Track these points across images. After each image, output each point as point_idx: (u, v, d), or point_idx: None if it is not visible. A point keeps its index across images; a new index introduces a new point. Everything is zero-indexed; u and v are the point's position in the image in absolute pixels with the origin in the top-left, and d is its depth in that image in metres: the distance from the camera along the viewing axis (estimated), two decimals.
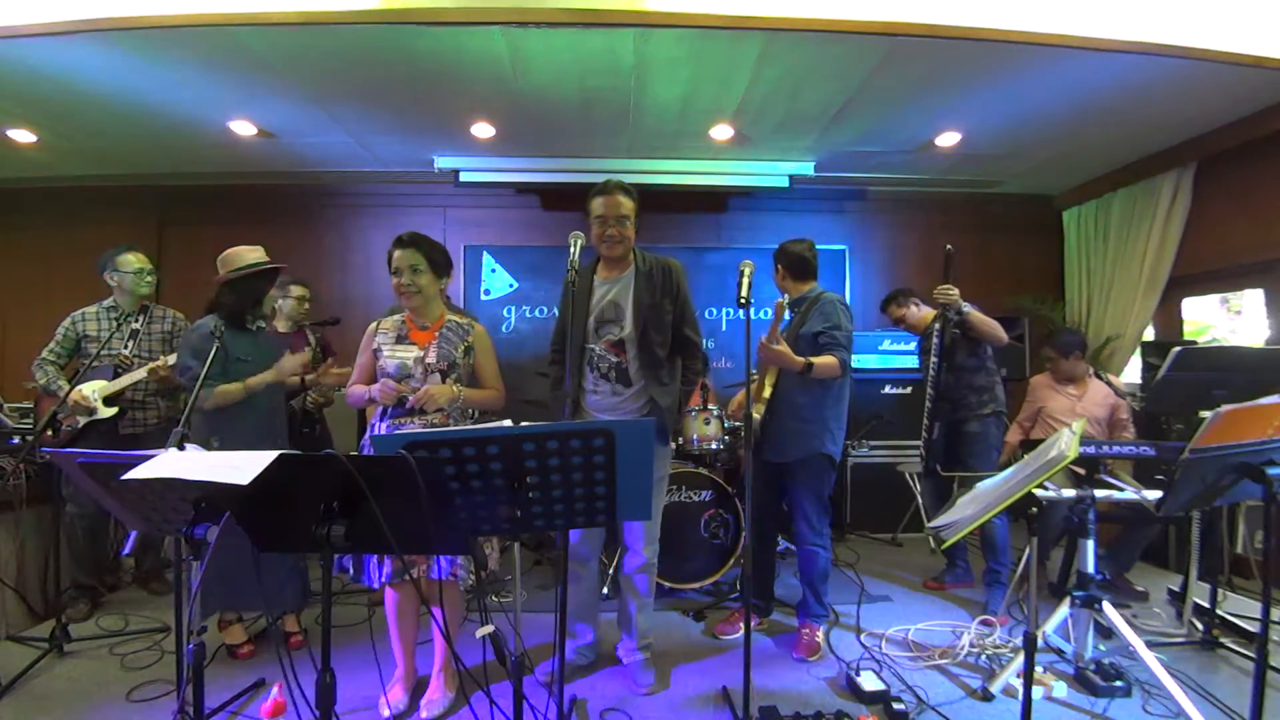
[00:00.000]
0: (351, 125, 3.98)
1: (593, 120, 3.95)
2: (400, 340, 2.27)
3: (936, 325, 3.20)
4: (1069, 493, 2.44)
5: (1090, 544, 2.47)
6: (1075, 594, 2.45)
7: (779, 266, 2.87)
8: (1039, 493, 2.32)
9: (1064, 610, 2.50)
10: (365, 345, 2.31)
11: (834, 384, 2.71)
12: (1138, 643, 2.30)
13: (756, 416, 2.70)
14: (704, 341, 2.87)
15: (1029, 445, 3.46)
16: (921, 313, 3.62)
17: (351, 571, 2.17)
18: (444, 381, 2.23)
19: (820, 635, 2.79)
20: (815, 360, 2.57)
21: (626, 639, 2.56)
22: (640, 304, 2.38)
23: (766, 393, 2.75)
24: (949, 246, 3.08)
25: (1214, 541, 3.07)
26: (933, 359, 3.21)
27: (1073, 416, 3.41)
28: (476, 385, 2.34)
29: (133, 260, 3.12)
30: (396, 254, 2.23)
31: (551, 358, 2.65)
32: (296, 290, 3.46)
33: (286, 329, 3.46)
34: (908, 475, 4.32)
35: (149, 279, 3.19)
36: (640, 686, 2.44)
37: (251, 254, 2.67)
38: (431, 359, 2.23)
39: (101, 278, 3.15)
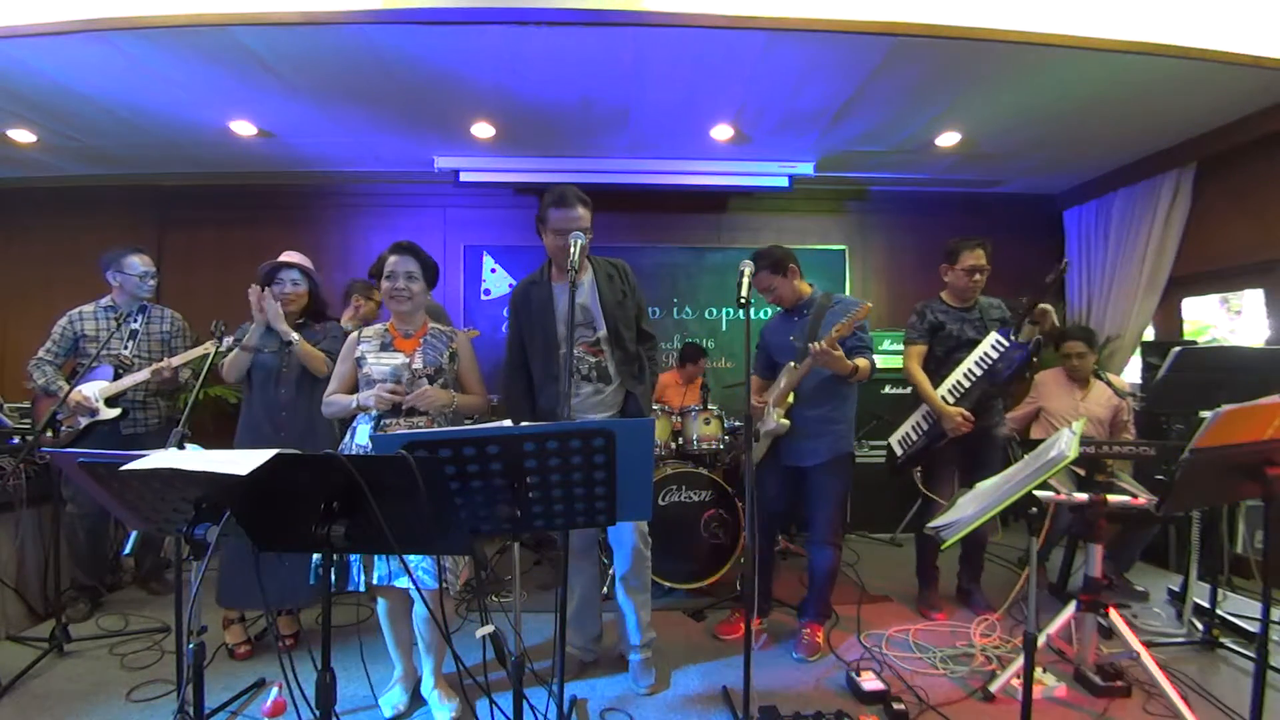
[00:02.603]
0: (351, 125, 3.98)
1: (593, 120, 3.94)
2: (385, 348, 2.28)
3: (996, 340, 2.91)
4: (1081, 496, 2.41)
5: (1098, 549, 2.45)
6: (1082, 599, 2.44)
7: (792, 265, 2.72)
8: (1047, 494, 2.31)
9: (1068, 613, 2.48)
10: (346, 354, 2.33)
11: (854, 386, 2.73)
12: (1140, 648, 2.30)
13: (785, 423, 2.69)
14: (706, 342, 2.87)
15: (1029, 445, 3.45)
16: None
17: (334, 585, 2.10)
18: (431, 386, 2.24)
19: (821, 635, 2.79)
20: (859, 364, 2.59)
21: (627, 638, 2.56)
22: (608, 304, 2.43)
23: (790, 399, 2.72)
24: (1065, 260, 2.95)
25: (1214, 541, 3.07)
26: (975, 372, 2.96)
27: (1076, 418, 3.38)
28: (461, 391, 2.37)
29: (139, 263, 3.13)
30: (393, 258, 2.26)
31: (510, 373, 2.53)
32: (378, 295, 3.57)
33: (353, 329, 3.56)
34: (914, 475, 4.17)
35: (152, 283, 3.20)
36: (640, 686, 2.44)
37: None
38: (419, 364, 2.25)
39: (104, 276, 3.14)
